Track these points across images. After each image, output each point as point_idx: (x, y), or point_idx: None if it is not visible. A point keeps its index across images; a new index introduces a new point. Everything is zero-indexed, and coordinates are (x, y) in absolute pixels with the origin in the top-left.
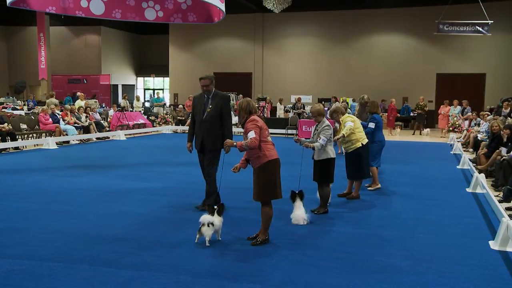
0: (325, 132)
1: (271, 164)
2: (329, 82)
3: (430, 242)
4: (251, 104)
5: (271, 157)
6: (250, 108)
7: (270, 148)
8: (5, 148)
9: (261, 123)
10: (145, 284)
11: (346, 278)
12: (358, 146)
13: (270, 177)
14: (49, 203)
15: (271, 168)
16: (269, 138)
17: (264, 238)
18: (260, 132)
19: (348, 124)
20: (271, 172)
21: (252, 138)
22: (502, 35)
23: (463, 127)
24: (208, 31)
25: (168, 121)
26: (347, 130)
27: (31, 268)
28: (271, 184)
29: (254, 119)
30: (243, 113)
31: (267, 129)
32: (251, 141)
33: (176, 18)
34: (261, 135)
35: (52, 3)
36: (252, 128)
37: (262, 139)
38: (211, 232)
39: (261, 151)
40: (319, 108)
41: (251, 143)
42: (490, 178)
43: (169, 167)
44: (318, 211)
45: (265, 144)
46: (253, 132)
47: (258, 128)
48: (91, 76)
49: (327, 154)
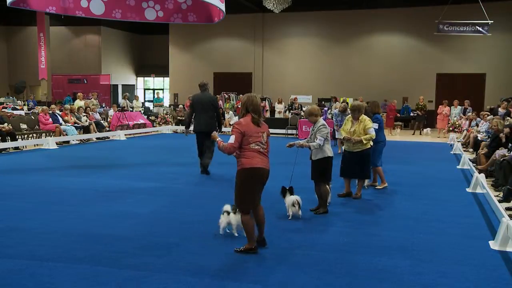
0: (321, 132)
1: (246, 172)
2: (329, 82)
3: (430, 242)
4: (250, 100)
5: (247, 165)
6: (248, 105)
7: (250, 155)
8: (5, 148)
9: (247, 127)
10: (145, 284)
11: (346, 278)
12: (367, 147)
13: (242, 185)
14: (49, 203)
15: (245, 177)
16: (254, 146)
17: (247, 247)
18: (242, 138)
19: (371, 132)
20: (244, 180)
21: (229, 144)
22: (502, 35)
23: (463, 127)
24: (208, 31)
25: (168, 121)
26: (368, 139)
27: (31, 268)
28: (242, 193)
29: (239, 123)
30: (242, 108)
31: (257, 135)
32: (227, 146)
33: (176, 18)
34: (244, 141)
35: (52, 3)
36: (233, 133)
37: (244, 146)
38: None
39: (239, 157)
40: (310, 108)
41: (226, 149)
42: (490, 178)
43: (169, 167)
44: (317, 211)
45: (246, 151)
46: (233, 137)
47: (240, 134)
48: (91, 76)
49: (324, 153)
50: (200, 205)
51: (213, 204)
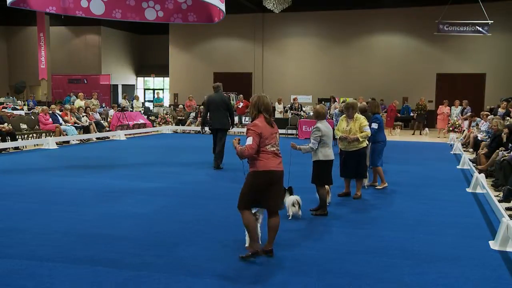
0: (313, 135)
1: (257, 175)
2: (329, 82)
3: (430, 242)
4: (261, 100)
5: (262, 168)
6: (259, 105)
7: (266, 157)
8: (5, 148)
9: (264, 129)
10: (145, 284)
11: (346, 278)
12: (364, 146)
13: (250, 185)
14: (49, 203)
15: (257, 178)
16: (270, 148)
17: (251, 252)
18: (260, 140)
19: (367, 130)
20: (255, 181)
21: (247, 146)
22: (502, 35)
23: (463, 127)
24: (208, 31)
25: (168, 121)
26: (365, 137)
27: (31, 268)
28: (248, 192)
29: (255, 124)
30: (253, 109)
31: (272, 137)
32: (245, 149)
33: (176, 18)
34: (260, 143)
35: (52, 3)
36: (250, 135)
37: (261, 148)
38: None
39: (254, 159)
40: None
41: (245, 151)
42: (490, 178)
43: (169, 167)
44: (315, 213)
45: (262, 153)
46: (251, 139)
47: (258, 136)
48: (91, 76)
49: (316, 156)
50: (201, 205)
51: (214, 204)
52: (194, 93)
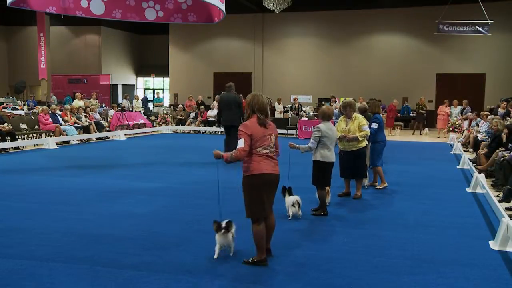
0: (312, 135)
1: (253, 179)
2: (329, 82)
3: (430, 242)
4: (256, 99)
5: (255, 171)
6: (253, 104)
7: (258, 160)
8: (5, 148)
9: (254, 130)
10: (145, 284)
11: (346, 278)
12: (363, 145)
13: (250, 193)
14: (49, 203)
15: (253, 183)
16: (262, 150)
17: (258, 258)
18: (251, 141)
19: (366, 129)
20: (252, 187)
21: (239, 148)
22: (502, 35)
23: (463, 127)
24: (208, 31)
25: (168, 121)
26: (364, 136)
27: (31, 268)
28: (253, 201)
29: (245, 125)
30: (247, 108)
31: (265, 139)
32: (237, 151)
33: (176, 18)
34: (252, 145)
35: (52, 3)
36: (241, 136)
37: (251, 150)
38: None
39: (245, 162)
40: (323, 108)
41: (237, 154)
42: (490, 178)
43: (169, 167)
44: (315, 213)
45: (253, 156)
46: (242, 141)
47: (249, 137)
48: (91, 76)
49: (315, 156)
50: (200, 205)
51: (214, 204)
52: (194, 93)
